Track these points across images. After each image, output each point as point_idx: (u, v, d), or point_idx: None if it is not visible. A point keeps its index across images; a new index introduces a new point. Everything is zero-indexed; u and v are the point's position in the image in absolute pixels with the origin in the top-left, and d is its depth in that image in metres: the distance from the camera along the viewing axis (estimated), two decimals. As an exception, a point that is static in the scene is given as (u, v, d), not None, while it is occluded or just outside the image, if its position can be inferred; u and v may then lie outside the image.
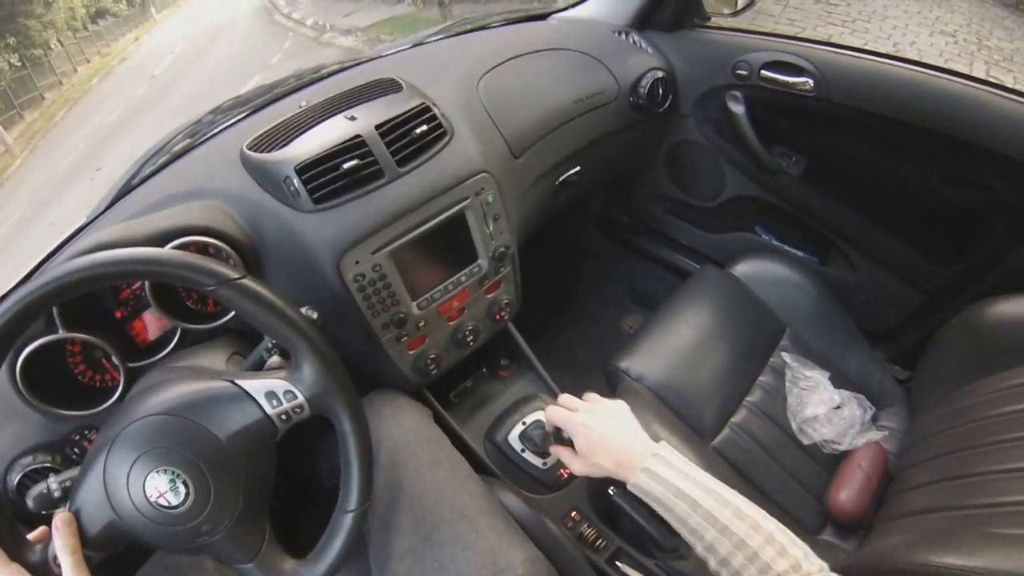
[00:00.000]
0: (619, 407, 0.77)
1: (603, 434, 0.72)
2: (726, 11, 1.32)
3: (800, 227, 1.37)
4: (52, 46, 15.48)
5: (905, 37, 4.12)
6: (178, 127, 1.23)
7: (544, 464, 1.04)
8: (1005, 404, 0.80)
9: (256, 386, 0.62)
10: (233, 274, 0.58)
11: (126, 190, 0.96)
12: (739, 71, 1.23)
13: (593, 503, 1.01)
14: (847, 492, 0.96)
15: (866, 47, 1.15)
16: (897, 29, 4.20)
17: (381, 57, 1.23)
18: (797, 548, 0.58)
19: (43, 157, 10.87)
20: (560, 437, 0.79)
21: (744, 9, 1.29)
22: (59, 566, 0.56)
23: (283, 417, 0.62)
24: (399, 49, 1.26)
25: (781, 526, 0.61)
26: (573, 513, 1.00)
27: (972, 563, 0.56)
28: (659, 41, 1.33)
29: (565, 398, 0.80)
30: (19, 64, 13.88)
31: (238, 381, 0.62)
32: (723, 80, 1.26)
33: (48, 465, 0.76)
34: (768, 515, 0.62)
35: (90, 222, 0.94)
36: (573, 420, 0.75)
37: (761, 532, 0.59)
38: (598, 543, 0.95)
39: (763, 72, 1.19)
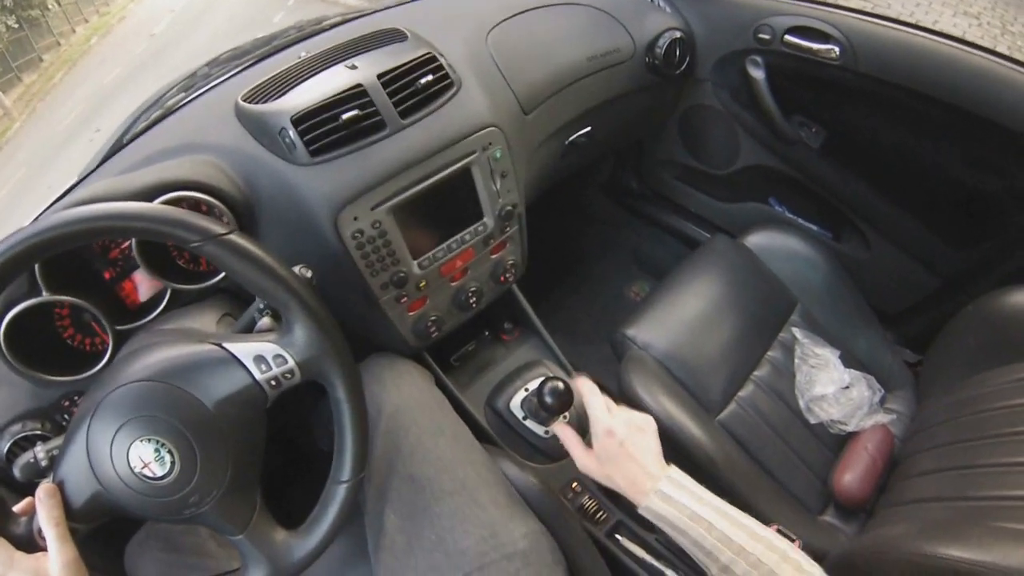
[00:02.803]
0: (647, 423, 0.74)
1: (630, 452, 0.69)
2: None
3: (815, 200, 1.33)
4: (49, 7, 15.22)
5: (928, 15, 4.02)
6: (172, 81, 1.19)
7: (546, 433, 1.01)
8: (1014, 396, 0.79)
9: (244, 350, 0.59)
10: (220, 229, 0.55)
11: (117, 147, 0.92)
12: (761, 35, 1.17)
13: None
14: (851, 474, 0.95)
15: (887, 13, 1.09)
16: (920, 6, 4.10)
17: (387, 9, 1.17)
18: (815, 568, 0.59)
19: (42, 120, 10.79)
20: (568, 416, 0.75)
21: None
22: (44, 539, 0.54)
23: (272, 383, 0.59)
24: (406, 1, 1.21)
25: (793, 546, 0.61)
26: (574, 484, 0.98)
27: (979, 557, 0.55)
28: (678, 0, 1.27)
29: (601, 396, 0.76)
30: (16, 26, 13.67)
31: (225, 344, 0.59)
32: (744, 44, 1.20)
33: (38, 432, 0.74)
34: (780, 535, 0.62)
35: (80, 180, 0.90)
36: (605, 422, 0.71)
37: (776, 551, 0.60)
38: (599, 516, 0.93)
39: (787, 37, 1.13)
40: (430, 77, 0.84)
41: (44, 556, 0.54)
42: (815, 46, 1.10)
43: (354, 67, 0.84)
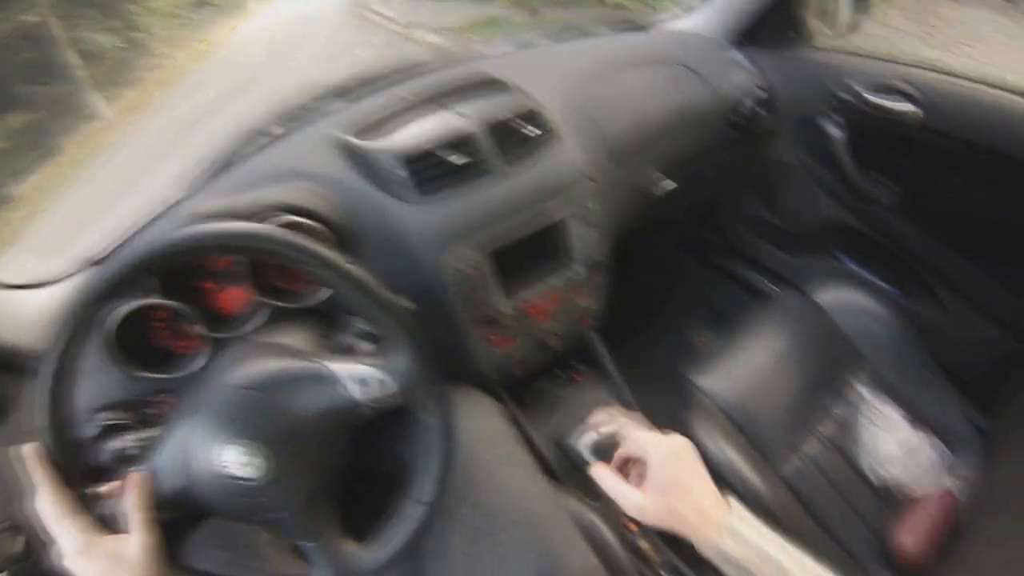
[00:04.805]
0: (687, 444, 0.63)
1: (689, 473, 0.59)
2: (828, 31, 1.28)
3: (888, 259, 1.32)
4: (153, 32, 16.48)
5: (1014, 64, 3.84)
6: (276, 111, 1.22)
7: None
8: None
9: (346, 370, 0.61)
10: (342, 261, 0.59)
11: (223, 167, 0.98)
12: (841, 94, 1.18)
13: None
14: (912, 538, 0.93)
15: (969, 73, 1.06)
16: (1000, 55, 3.92)
17: (483, 57, 1.24)
18: None
19: (137, 132, 11.56)
20: (606, 457, 0.67)
21: (850, 32, 1.26)
22: (126, 522, 0.57)
23: (372, 404, 0.62)
24: (501, 50, 1.28)
25: None
26: (631, 525, 0.98)
27: None
28: (761, 59, 1.30)
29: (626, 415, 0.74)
30: (123, 46, 14.84)
31: (328, 364, 0.62)
32: (823, 103, 1.22)
33: (124, 421, 0.77)
34: None
35: (188, 195, 0.95)
36: (665, 444, 0.60)
37: None
38: (652, 559, 0.94)
39: (867, 96, 1.14)
40: (532, 129, 0.89)
41: (123, 538, 0.56)
42: (894, 106, 1.10)
43: (461, 114, 0.89)
